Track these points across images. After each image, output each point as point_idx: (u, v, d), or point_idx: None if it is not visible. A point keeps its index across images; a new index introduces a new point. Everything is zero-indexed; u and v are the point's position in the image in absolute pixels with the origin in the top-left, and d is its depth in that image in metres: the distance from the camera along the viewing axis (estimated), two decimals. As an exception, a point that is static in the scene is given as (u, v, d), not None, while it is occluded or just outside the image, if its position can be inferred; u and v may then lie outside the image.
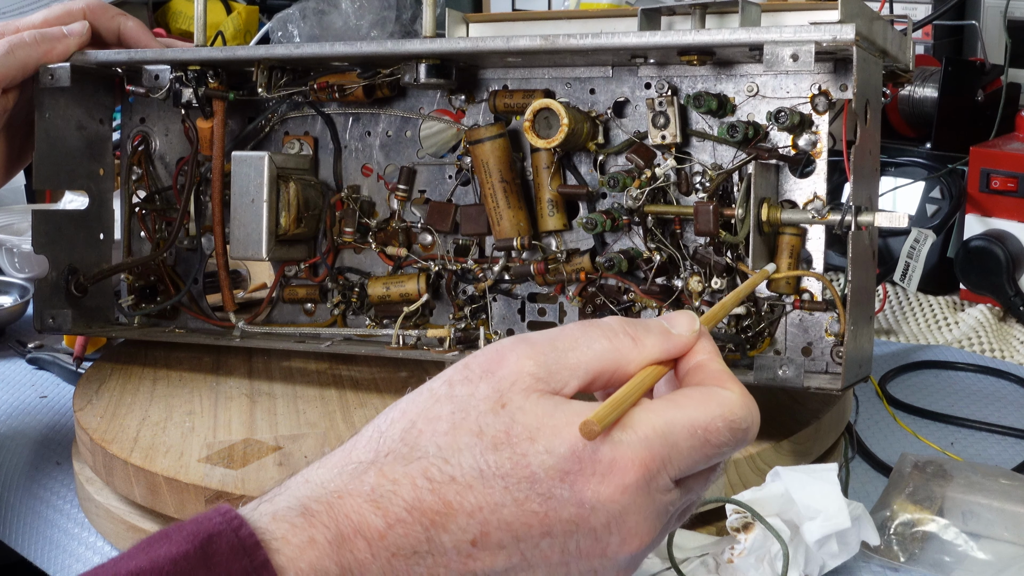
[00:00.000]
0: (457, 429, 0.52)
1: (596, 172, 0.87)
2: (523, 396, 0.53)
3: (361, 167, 0.94)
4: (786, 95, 0.80)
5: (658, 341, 0.57)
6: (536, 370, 0.53)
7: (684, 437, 0.53)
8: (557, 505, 0.52)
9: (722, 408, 0.55)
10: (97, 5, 0.98)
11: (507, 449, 0.52)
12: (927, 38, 1.50)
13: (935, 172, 1.27)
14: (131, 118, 1.02)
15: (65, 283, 0.98)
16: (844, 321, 0.75)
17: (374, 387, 0.92)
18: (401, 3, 1.64)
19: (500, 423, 0.52)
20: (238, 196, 0.90)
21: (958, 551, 0.75)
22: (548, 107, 0.82)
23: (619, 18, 0.94)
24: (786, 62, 0.73)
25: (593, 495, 0.52)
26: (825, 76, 0.79)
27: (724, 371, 0.57)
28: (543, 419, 0.52)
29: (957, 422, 0.96)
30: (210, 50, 0.93)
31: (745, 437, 0.55)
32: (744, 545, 0.69)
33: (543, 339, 0.55)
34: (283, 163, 0.91)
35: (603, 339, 0.56)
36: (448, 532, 0.51)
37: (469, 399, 0.53)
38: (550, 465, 0.51)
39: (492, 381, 0.53)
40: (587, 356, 0.55)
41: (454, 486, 0.51)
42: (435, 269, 0.90)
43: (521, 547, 0.52)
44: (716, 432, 0.54)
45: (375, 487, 0.51)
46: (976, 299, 1.23)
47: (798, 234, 0.79)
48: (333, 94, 0.90)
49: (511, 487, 0.51)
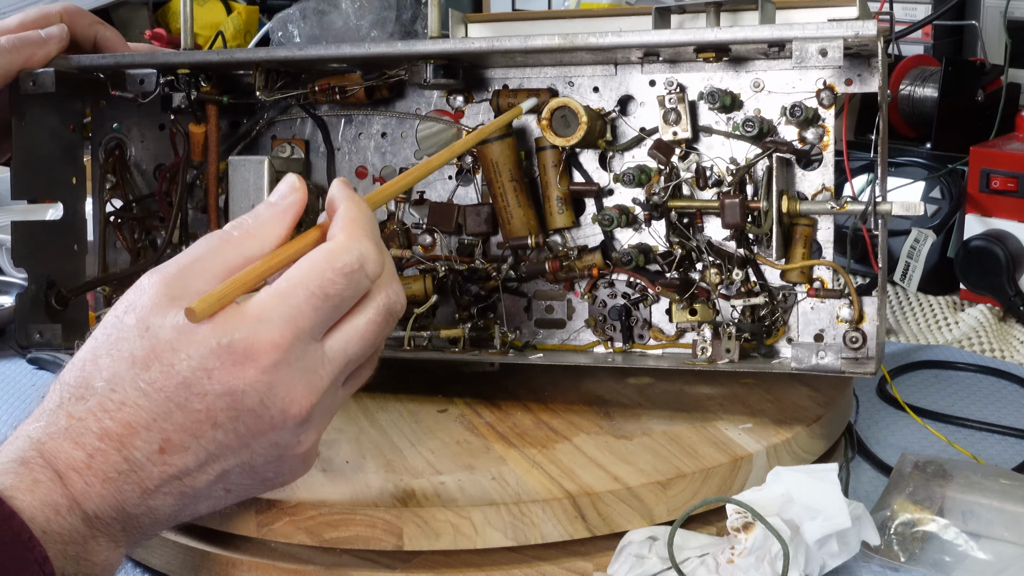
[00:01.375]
0: (115, 361, 0.60)
1: (601, 169, 0.87)
2: (161, 316, 0.60)
3: (355, 169, 0.94)
4: (792, 90, 0.82)
5: (270, 220, 0.64)
6: (166, 289, 0.60)
7: (303, 299, 0.60)
8: (214, 399, 0.59)
9: (328, 260, 0.61)
10: (75, 10, 0.96)
11: (156, 364, 0.59)
12: (927, 38, 1.50)
13: (935, 172, 1.27)
14: (103, 124, 0.99)
15: (45, 296, 0.94)
16: (858, 304, 0.80)
17: (386, 389, 0.91)
18: (401, 3, 1.64)
19: (146, 343, 0.60)
20: (237, 201, 0.88)
21: (958, 551, 0.75)
22: (566, 105, 0.83)
23: (619, 17, 0.94)
24: (815, 58, 0.75)
25: (240, 381, 0.59)
26: (829, 72, 0.81)
27: (344, 216, 0.63)
28: (180, 330, 0.59)
29: (957, 422, 0.96)
30: (204, 53, 0.91)
31: (363, 275, 0.62)
32: (744, 545, 0.69)
33: (171, 262, 0.62)
34: (280, 167, 0.91)
35: (219, 241, 0.63)
36: (137, 448, 0.59)
37: (119, 332, 0.61)
38: (195, 367, 0.59)
39: (135, 312, 0.61)
40: (208, 261, 0.62)
41: (127, 409, 0.59)
42: (442, 270, 0.90)
43: (202, 442, 0.60)
44: (331, 283, 0.61)
45: (68, 427, 0.60)
46: (976, 299, 1.23)
47: (810, 224, 0.82)
48: (334, 96, 0.90)
49: (171, 396, 0.59)
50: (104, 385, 0.60)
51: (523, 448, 0.80)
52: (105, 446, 0.59)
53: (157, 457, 0.60)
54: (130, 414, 0.59)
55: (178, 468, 0.60)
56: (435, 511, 0.71)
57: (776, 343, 0.84)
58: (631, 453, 0.78)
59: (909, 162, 1.28)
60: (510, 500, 0.72)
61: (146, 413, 0.59)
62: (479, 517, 0.71)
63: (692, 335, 0.85)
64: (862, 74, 0.80)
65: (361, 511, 0.72)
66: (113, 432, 0.59)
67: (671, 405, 0.87)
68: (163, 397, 0.59)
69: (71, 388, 0.61)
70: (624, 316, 0.87)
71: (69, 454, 0.59)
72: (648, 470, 0.76)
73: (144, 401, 0.59)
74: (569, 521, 0.72)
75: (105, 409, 0.60)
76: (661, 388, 0.90)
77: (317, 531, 0.72)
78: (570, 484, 0.74)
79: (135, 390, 0.59)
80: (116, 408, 0.59)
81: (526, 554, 0.73)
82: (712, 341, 0.82)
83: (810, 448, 0.83)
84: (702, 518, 0.75)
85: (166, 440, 0.60)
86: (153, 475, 0.60)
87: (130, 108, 0.96)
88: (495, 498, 0.72)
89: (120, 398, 0.59)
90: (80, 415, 0.60)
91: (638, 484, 0.74)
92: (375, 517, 0.72)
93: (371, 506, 0.72)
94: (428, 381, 0.93)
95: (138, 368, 0.59)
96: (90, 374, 0.61)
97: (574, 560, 0.73)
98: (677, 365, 0.84)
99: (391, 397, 0.90)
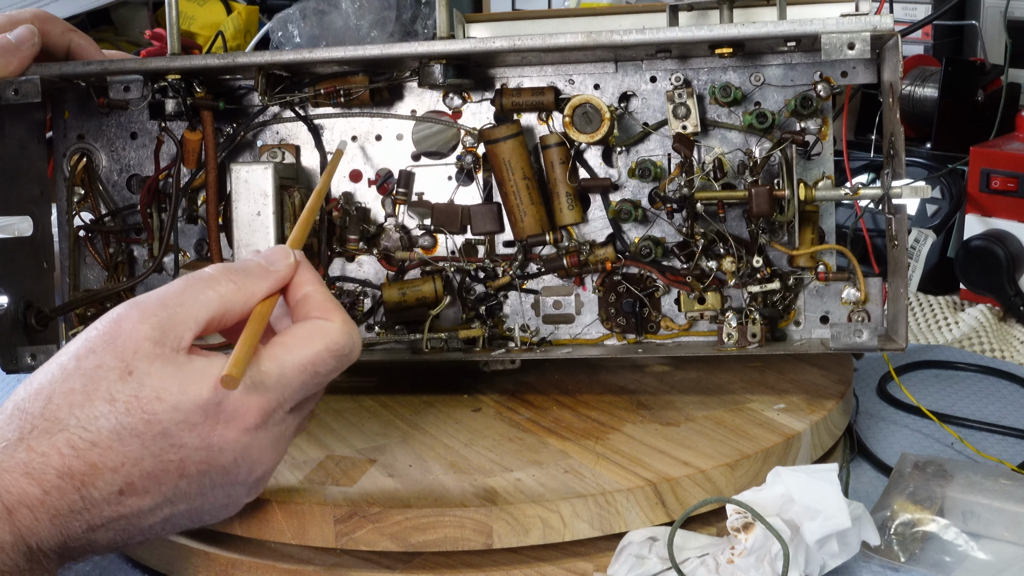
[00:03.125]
0: (92, 399, 0.58)
1: (605, 164, 0.88)
2: (147, 362, 0.59)
3: (349, 172, 0.93)
4: (791, 83, 0.85)
5: (259, 281, 0.64)
6: (152, 332, 0.59)
7: (295, 375, 0.62)
8: (190, 452, 0.59)
9: (326, 340, 0.63)
10: (46, 17, 0.91)
11: (138, 412, 0.58)
12: (927, 38, 1.50)
13: (935, 172, 1.27)
14: (66, 135, 0.94)
15: (23, 317, 0.89)
16: (864, 286, 0.84)
17: (404, 391, 0.91)
18: (401, 3, 1.64)
19: (129, 389, 0.58)
20: (241, 209, 0.87)
21: (958, 551, 0.75)
22: (588, 102, 0.85)
23: (619, 16, 0.94)
24: (844, 51, 0.78)
25: (219, 439, 0.60)
26: (827, 65, 0.84)
27: (327, 300, 0.65)
28: (167, 380, 0.59)
29: (957, 422, 0.96)
30: (204, 57, 0.88)
31: (349, 359, 0.65)
32: (744, 545, 0.69)
33: (153, 300, 0.61)
34: (283, 173, 0.90)
35: (208, 289, 0.62)
36: (97, 488, 0.58)
37: (98, 370, 0.59)
38: (179, 420, 0.59)
39: (115, 350, 0.59)
40: (196, 308, 0.61)
41: (96, 450, 0.58)
42: (451, 270, 0.90)
43: (163, 489, 0.60)
44: (323, 363, 0.63)
45: (27, 462, 0.57)
46: (976, 299, 1.23)
47: (816, 211, 0.84)
48: (338, 99, 0.89)
49: (147, 443, 0.58)
50: (76, 423, 0.58)
51: (578, 441, 0.81)
52: (64, 484, 0.57)
53: (115, 498, 0.59)
54: (99, 456, 0.58)
55: (132, 510, 0.60)
56: (524, 507, 0.71)
57: (786, 326, 0.87)
58: (686, 438, 0.80)
59: (909, 162, 1.28)
60: (596, 491, 0.73)
61: (116, 456, 0.58)
62: (567, 510, 0.72)
63: (704, 323, 0.88)
64: (856, 67, 0.83)
65: (450, 512, 0.72)
66: (76, 471, 0.58)
67: (698, 391, 0.89)
68: (138, 444, 0.58)
69: (34, 418, 0.58)
70: (637, 308, 0.87)
71: (23, 489, 0.57)
72: (712, 453, 0.77)
73: (117, 445, 0.58)
74: (651, 508, 0.73)
75: (73, 447, 0.58)
76: (681, 376, 0.92)
77: (403, 536, 0.72)
78: (645, 472, 0.75)
79: (110, 433, 0.58)
80: (86, 448, 0.58)
81: (526, 554, 0.73)
82: (737, 327, 0.84)
83: (840, 424, 0.86)
84: (702, 518, 0.75)
85: (129, 484, 0.59)
86: (104, 513, 0.59)
87: (97, 117, 0.94)
88: (580, 490, 0.73)
89: (92, 438, 0.58)
90: (43, 450, 0.58)
91: (710, 467, 0.75)
92: (464, 517, 0.72)
93: (459, 506, 0.72)
94: (443, 382, 0.93)
95: (118, 412, 0.58)
96: (59, 407, 0.58)
97: (574, 560, 0.73)
98: (709, 352, 0.85)
99: (415, 399, 0.90)
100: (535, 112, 0.88)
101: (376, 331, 0.92)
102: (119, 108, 0.90)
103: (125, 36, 1.85)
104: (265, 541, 0.74)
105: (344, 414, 0.88)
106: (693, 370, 0.93)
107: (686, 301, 0.87)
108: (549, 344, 0.90)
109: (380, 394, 0.91)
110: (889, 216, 0.80)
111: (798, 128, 0.85)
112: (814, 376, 0.90)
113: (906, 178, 0.78)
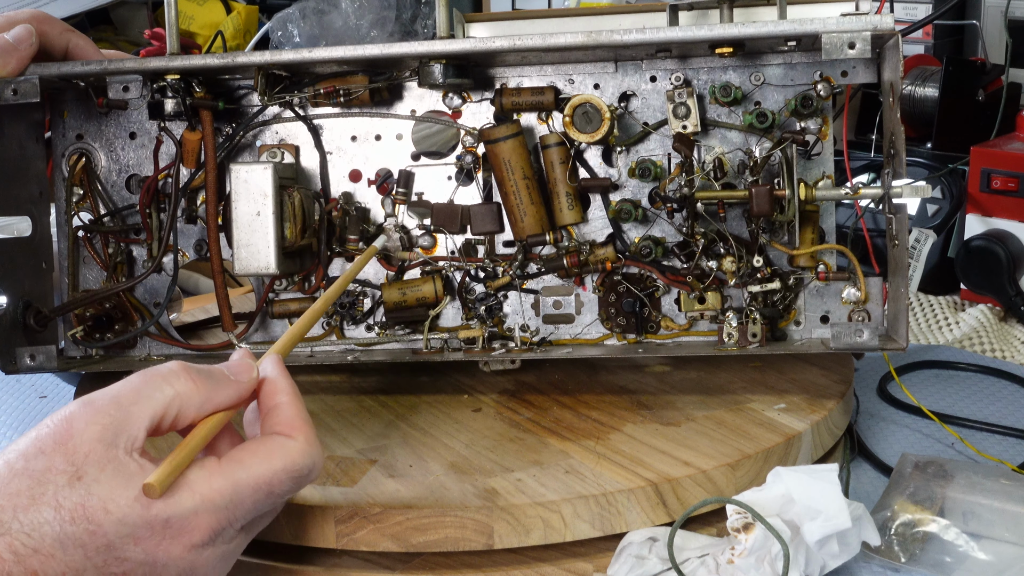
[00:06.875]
0: (37, 503, 0.56)
1: (605, 164, 0.88)
2: (98, 468, 0.57)
3: (348, 172, 0.93)
4: (791, 83, 0.85)
5: (218, 386, 0.63)
6: (103, 434, 0.58)
7: (249, 494, 0.61)
8: (134, 566, 0.58)
9: (284, 460, 0.62)
10: (44, 17, 0.89)
11: (84, 522, 0.56)
12: (927, 38, 1.50)
13: (936, 172, 1.27)
14: (65, 135, 0.94)
15: (22, 317, 0.89)
16: (864, 285, 0.85)
17: (403, 391, 0.91)
18: (401, 3, 1.64)
19: (76, 496, 0.57)
20: (241, 209, 0.87)
21: (959, 551, 0.75)
22: (588, 102, 0.85)
23: (619, 15, 0.94)
24: (844, 51, 0.78)
25: (164, 555, 0.58)
26: (827, 65, 0.84)
27: (296, 415, 0.64)
28: (116, 490, 0.57)
29: (957, 422, 0.96)
30: (203, 57, 0.87)
31: (307, 479, 0.63)
32: (745, 545, 0.69)
33: (106, 398, 0.59)
34: (282, 173, 0.89)
35: (166, 386, 0.61)
36: None
37: (46, 473, 0.57)
38: (125, 534, 0.57)
39: (65, 453, 0.57)
40: (150, 406, 0.60)
41: (38, 557, 0.56)
42: (451, 270, 0.90)
43: None
44: (279, 484, 0.62)
45: None
46: (977, 299, 1.23)
47: (816, 211, 0.85)
48: (338, 98, 0.89)
49: (91, 555, 0.57)
50: (19, 527, 0.56)
51: (578, 441, 0.81)
52: None
53: None
54: (40, 563, 0.56)
55: None
56: (526, 507, 0.71)
57: (787, 326, 0.87)
58: (686, 438, 0.80)
59: (910, 162, 1.28)
60: (597, 492, 0.73)
61: (58, 565, 0.56)
62: (568, 510, 0.72)
63: (704, 323, 0.88)
64: (856, 66, 0.83)
65: (452, 513, 0.72)
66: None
67: (698, 391, 0.89)
68: (81, 554, 0.57)
69: None
70: (637, 308, 0.87)
71: None
72: (712, 453, 0.77)
73: (60, 554, 0.56)
74: (652, 508, 0.73)
75: (14, 552, 0.56)
76: (681, 376, 0.92)
77: (404, 537, 0.72)
78: (646, 472, 0.75)
79: (53, 540, 0.56)
80: (28, 554, 0.56)
81: (526, 554, 0.73)
82: (737, 327, 0.84)
83: (840, 424, 0.86)
84: (702, 518, 0.75)
85: None
86: None
87: (96, 117, 0.93)
88: (581, 491, 0.73)
89: (35, 545, 0.56)
90: None
91: (711, 467, 0.75)
92: (465, 518, 0.71)
93: (460, 507, 0.72)
94: (443, 382, 0.93)
95: (63, 519, 0.56)
96: (3, 509, 0.56)
97: (574, 561, 0.73)
98: (710, 352, 0.85)
99: (415, 399, 0.90)
100: (535, 112, 0.88)
101: (376, 331, 0.92)
102: (118, 108, 0.91)
103: (124, 36, 1.85)
104: (266, 541, 0.74)
105: (344, 414, 0.88)
106: (693, 370, 0.93)
107: (686, 301, 0.87)
108: (549, 344, 0.90)
109: (380, 394, 0.91)
110: (889, 216, 0.80)
111: (798, 128, 0.85)
112: (814, 376, 0.90)
113: (906, 178, 0.78)
